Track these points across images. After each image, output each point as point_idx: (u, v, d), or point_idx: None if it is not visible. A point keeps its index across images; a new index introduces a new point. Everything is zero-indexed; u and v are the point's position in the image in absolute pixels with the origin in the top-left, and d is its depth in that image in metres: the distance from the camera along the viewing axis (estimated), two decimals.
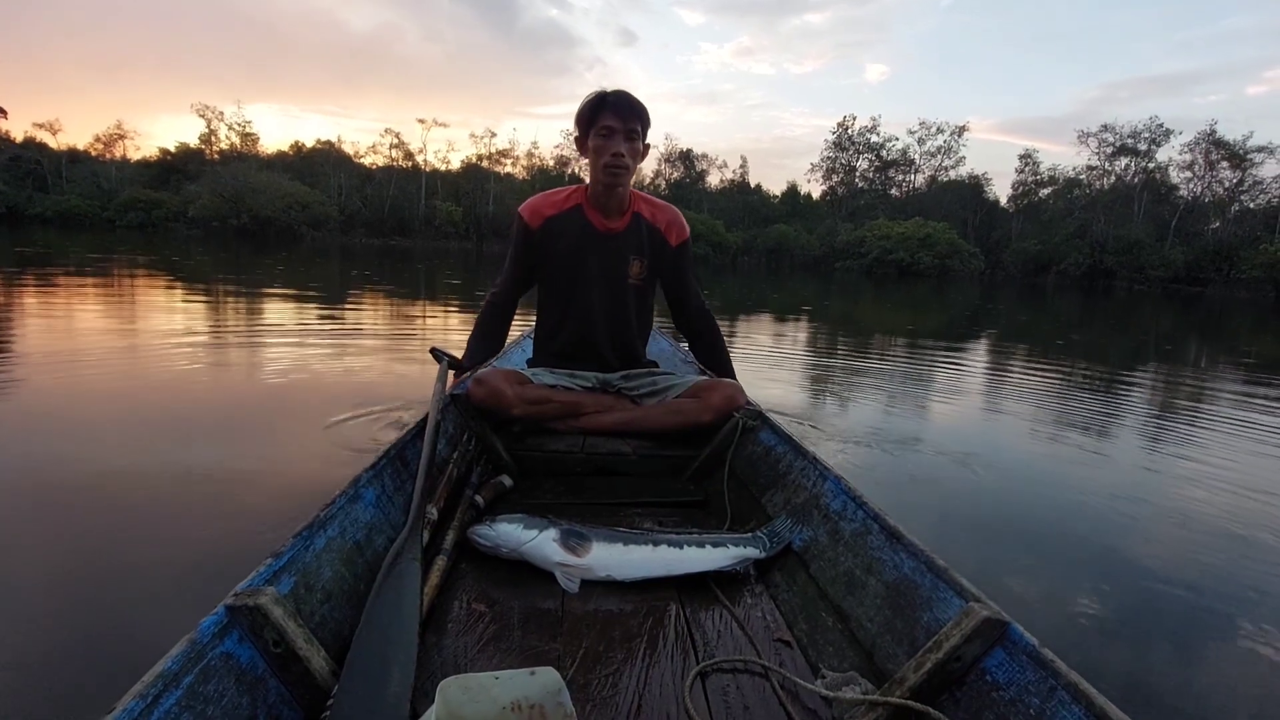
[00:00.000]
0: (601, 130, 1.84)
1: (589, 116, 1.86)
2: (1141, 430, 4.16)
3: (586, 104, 1.86)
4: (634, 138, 1.87)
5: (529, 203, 2.05)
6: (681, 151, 60.95)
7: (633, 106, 1.85)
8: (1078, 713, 0.76)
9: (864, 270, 42.81)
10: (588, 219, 2.01)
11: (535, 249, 2.03)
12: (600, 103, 1.84)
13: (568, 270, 2.03)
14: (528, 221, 2.01)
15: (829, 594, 1.22)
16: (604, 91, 1.86)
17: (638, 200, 2.06)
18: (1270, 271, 35.01)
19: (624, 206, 2.02)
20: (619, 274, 2.05)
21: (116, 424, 2.85)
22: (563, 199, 2.04)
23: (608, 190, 1.95)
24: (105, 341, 4.83)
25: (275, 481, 2.35)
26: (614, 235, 2.02)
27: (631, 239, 2.04)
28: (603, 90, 1.86)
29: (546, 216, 2.01)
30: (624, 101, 1.84)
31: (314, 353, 4.84)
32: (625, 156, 1.86)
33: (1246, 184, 45.44)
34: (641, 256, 2.06)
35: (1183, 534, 2.46)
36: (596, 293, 2.05)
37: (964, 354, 7.60)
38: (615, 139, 1.84)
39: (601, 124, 1.84)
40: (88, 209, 44.96)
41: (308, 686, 0.87)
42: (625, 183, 1.93)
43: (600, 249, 2.02)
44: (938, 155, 58.10)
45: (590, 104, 1.86)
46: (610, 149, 1.84)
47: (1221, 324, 15.83)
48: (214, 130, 54.83)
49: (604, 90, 1.86)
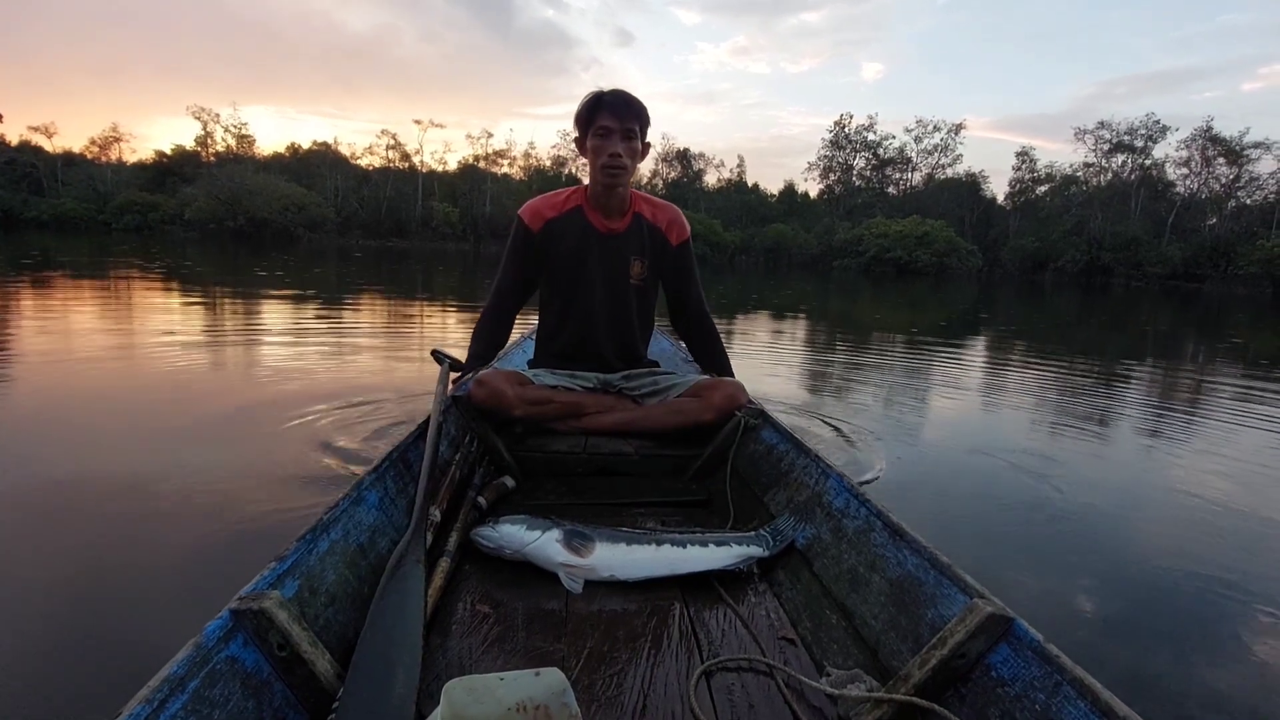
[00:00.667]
0: (599, 130, 1.84)
1: (586, 117, 1.86)
2: (1142, 424, 4.17)
3: (584, 104, 1.86)
4: (631, 137, 1.86)
5: (528, 205, 2.04)
6: (679, 151, 61.02)
7: (629, 105, 1.84)
8: (1083, 708, 0.76)
9: (862, 269, 42.85)
10: (588, 220, 2.00)
11: (536, 251, 2.02)
12: (597, 103, 1.83)
13: (569, 271, 2.03)
14: (528, 224, 2.00)
15: (833, 592, 1.22)
16: (601, 91, 1.85)
17: (638, 200, 2.05)
18: (1267, 267, 35.09)
19: (624, 207, 2.01)
20: (620, 274, 2.04)
21: (117, 428, 2.84)
22: (562, 200, 2.03)
23: (607, 190, 1.94)
24: (106, 345, 4.81)
25: (277, 485, 2.34)
26: (615, 236, 2.02)
27: (633, 239, 2.03)
28: (600, 90, 1.85)
29: (547, 219, 2.00)
30: (621, 101, 1.83)
31: (314, 356, 4.84)
32: (623, 156, 1.85)
33: (1243, 180, 45.58)
34: (643, 257, 2.06)
35: (1184, 529, 2.46)
36: (598, 293, 2.04)
37: (964, 351, 7.61)
38: (612, 139, 1.84)
39: (599, 124, 1.83)
40: (84, 212, 44.88)
41: (313, 690, 0.87)
42: (624, 182, 1.93)
43: (601, 249, 2.01)
44: (935, 153, 58.19)
45: (587, 104, 1.85)
46: (608, 149, 1.84)
47: (1220, 320, 15.85)
48: (210, 132, 54.83)
49: (601, 90, 1.85)
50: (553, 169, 60.60)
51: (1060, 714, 0.78)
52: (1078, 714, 0.76)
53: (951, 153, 57.70)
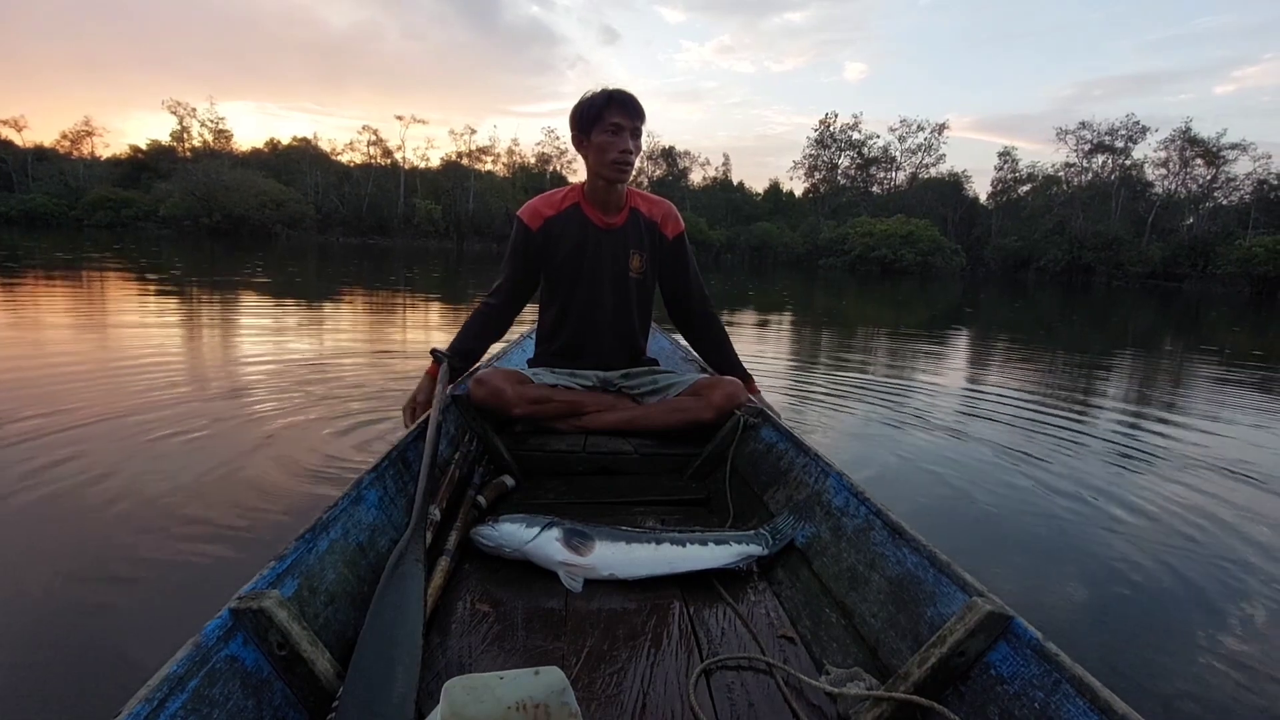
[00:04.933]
0: (610, 126, 1.87)
1: (595, 113, 1.88)
2: (1137, 421, 4.21)
3: (592, 101, 1.88)
4: (638, 136, 1.91)
5: (527, 206, 2.06)
6: (664, 149, 61.02)
7: (638, 106, 1.89)
8: (1082, 706, 0.76)
9: (847, 267, 43.06)
10: (586, 216, 2.03)
11: (537, 250, 2.04)
12: (609, 100, 1.87)
13: (570, 268, 2.05)
14: (527, 223, 2.02)
15: (832, 590, 1.23)
16: (611, 90, 1.88)
17: (633, 196, 2.08)
18: (1245, 267, 35.55)
19: (621, 203, 2.05)
20: (621, 268, 2.07)
21: (115, 428, 2.79)
22: (560, 199, 2.05)
23: (609, 186, 1.97)
24: (101, 346, 4.75)
25: (277, 484, 2.33)
26: (614, 230, 2.05)
27: (631, 232, 2.06)
28: (609, 88, 1.89)
29: (546, 217, 2.03)
30: (632, 100, 1.88)
31: (314, 355, 4.80)
32: (632, 153, 1.90)
33: (1220, 180, 46.32)
34: (641, 250, 2.09)
35: (1183, 525, 2.50)
36: (599, 288, 2.06)
37: (953, 349, 7.67)
38: (623, 136, 1.88)
39: (610, 120, 1.86)
40: (54, 208, 43.64)
41: (313, 689, 0.87)
42: (629, 178, 1.97)
43: (602, 244, 2.04)
44: (919, 153, 58.63)
45: (598, 100, 1.88)
46: (619, 145, 1.88)
47: (1199, 318, 16.09)
48: (186, 127, 53.71)
49: (610, 88, 1.89)
50: (537, 166, 60.35)
51: (1059, 712, 0.78)
52: (1077, 712, 0.77)
53: (935, 152, 58.26)
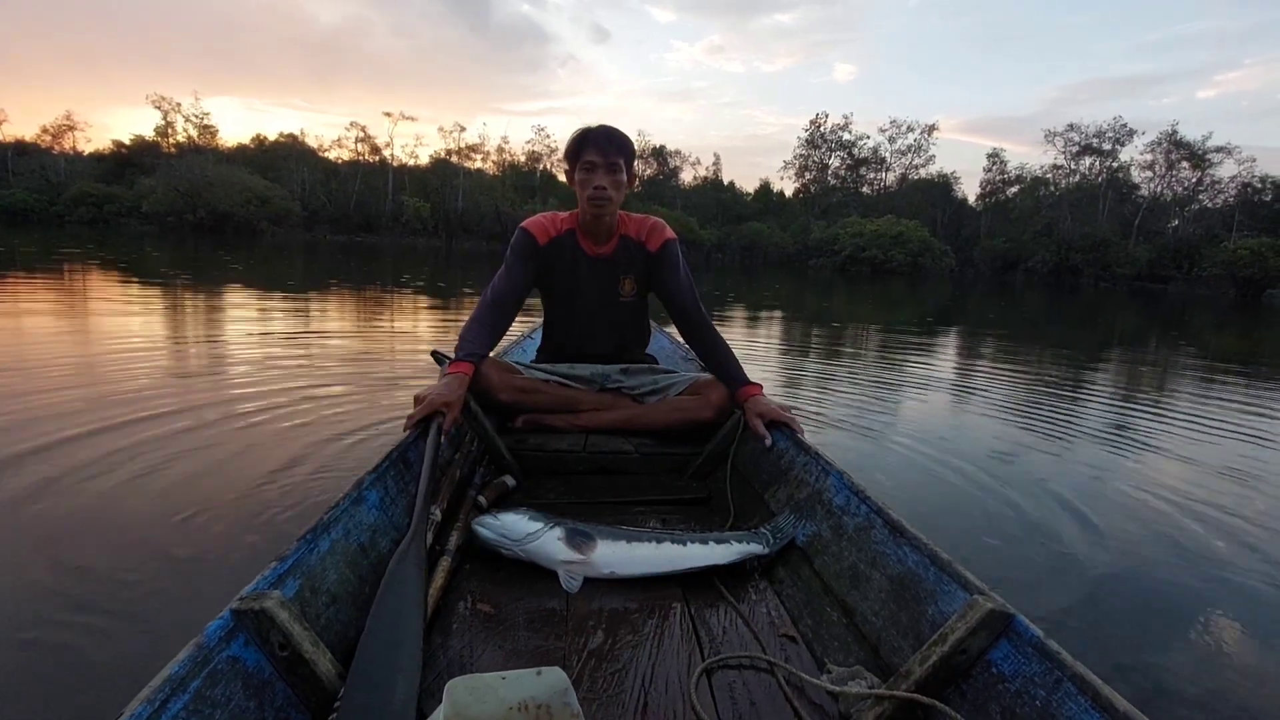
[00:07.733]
0: (585, 165, 1.91)
1: (574, 152, 1.93)
2: (1138, 421, 4.24)
3: (571, 141, 1.94)
4: (616, 170, 1.93)
5: (534, 220, 2.09)
6: (655, 148, 61.05)
7: (611, 139, 1.91)
8: (1084, 704, 0.77)
9: (837, 267, 43.26)
10: (579, 244, 2.07)
11: (540, 263, 2.07)
12: (583, 139, 1.91)
13: (563, 290, 2.11)
14: (535, 235, 2.05)
15: (833, 589, 1.23)
16: (587, 128, 1.93)
17: (624, 223, 2.10)
18: (1229, 269, 35.93)
19: (611, 232, 2.08)
20: (611, 293, 2.12)
21: (115, 430, 2.76)
22: (560, 222, 2.09)
23: (595, 220, 2.01)
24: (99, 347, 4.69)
25: (278, 485, 2.32)
26: (604, 258, 2.08)
27: (621, 259, 2.10)
28: (586, 126, 1.93)
29: (551, 236, 2.06)
30: (604, 136, 1.91)
31: (312, 355, 4.77)
32: (607, 189, 1.92)
33: (1205, 183, 46.83)
34: (632, 273, 2.12)
35: (1184, 523, 2.52)
36: (592, 311, 2.12)
37: (945, 349, 7.72)
38: (597, 173, 1.91)
39: (584, 159, 1.91)
40: (35, 203, 42.88)
41: (314, 689, 0.86)
42: (610, 212, 2.00)
43: (592, 272, 2.08)
44: (908, 154, 59.04)
45: (574, 141, 1.93)
46: (593, 182, 1.91)
47: (1185, 321, 16.26)
48: (171, 123, 53.03)
49: (587, 126, 1.93)
50: (527, 164, 60.24)
51: (1061, 710, 0.79)
52: (1078, 709, 0.77)
53: (924, 153, 58.71)
